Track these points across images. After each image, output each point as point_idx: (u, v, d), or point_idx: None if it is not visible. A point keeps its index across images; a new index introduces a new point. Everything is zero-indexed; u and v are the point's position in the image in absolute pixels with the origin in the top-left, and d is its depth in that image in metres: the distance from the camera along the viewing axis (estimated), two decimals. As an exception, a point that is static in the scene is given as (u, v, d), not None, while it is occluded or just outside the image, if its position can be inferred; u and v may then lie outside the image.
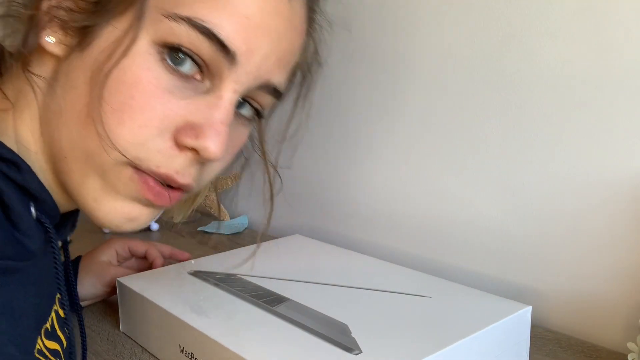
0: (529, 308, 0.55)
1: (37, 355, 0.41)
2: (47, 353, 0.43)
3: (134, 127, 0.35)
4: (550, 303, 0.69)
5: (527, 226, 0.69)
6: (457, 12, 0.70)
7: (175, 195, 0.40)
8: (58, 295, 0.48)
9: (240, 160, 0.50)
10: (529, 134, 0.67)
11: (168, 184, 0.39)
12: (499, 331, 0.52)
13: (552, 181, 0.66)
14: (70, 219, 0.46)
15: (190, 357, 0.53)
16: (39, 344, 0.42)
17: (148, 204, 0.39)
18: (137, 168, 0.38)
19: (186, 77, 0.37)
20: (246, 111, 0.43)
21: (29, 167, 0.38)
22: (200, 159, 0.38)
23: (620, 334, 0.63)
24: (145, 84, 0.35)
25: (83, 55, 0.36)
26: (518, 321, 0.54)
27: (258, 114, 0.44)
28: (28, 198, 0.39)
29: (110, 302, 0.74)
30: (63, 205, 0.43)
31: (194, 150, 0.37)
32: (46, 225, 0.40)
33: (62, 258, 0.48)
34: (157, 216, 0.43)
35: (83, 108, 0.36)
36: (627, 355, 0.55)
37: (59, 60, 0.37)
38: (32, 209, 0.39)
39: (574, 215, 0.65)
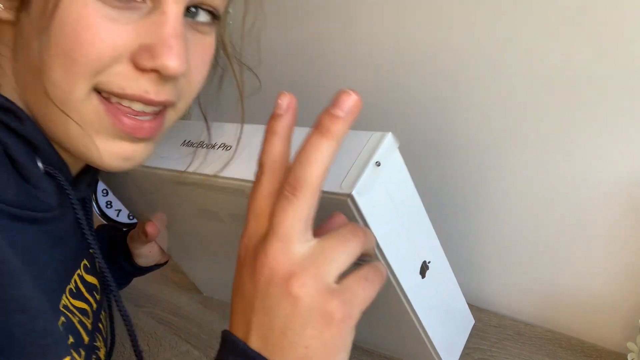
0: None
1: (61, 308, 0.43)
2: (74, 310, 0.45)
3: (87, 61, 0.36)
4: (550, 303, 0.69)
5: (526, 226, 0.69)
6: (458, 11, 0.70)
7: (154, 124, 0.41)
8: (84, 262, 0.49)
9: (217, 71, 0.51)
10: (529, 134, 0.67)
11: (145, 110, 0.40)
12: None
13: (552, 181, 0.66)
14: (85, 176, 0.48)
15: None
16: (64, 300, 0.44)
17: (133, 139, 0.40)
18: (103, 98, 0.38)
19: (126, 2, 0.37)
20: (202, 17, 0.43)
21: (27, 115, 0.40)
22: (164, 77, 0.38)
23: (620, 334, 0.63)
24: (87, 19, 0.36)
25: (29, 13, 0.37)
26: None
27: (214, 16, 0.44)
28: (31, 149, 0.40)
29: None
30: (70, 163, 0.45)
31: (155, 71, 0.38)
32: (56, 176, 0.42)
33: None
34: (152, 149, 0.44)
35: (39, 62, 0.37)
36: (627, 355, 0.55)
37: (14, 25, 0.38)
38: (39, 163, 0.40)
39: (573, 215, 0.65)
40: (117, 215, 1.08)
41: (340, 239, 0.33)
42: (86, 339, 0.46)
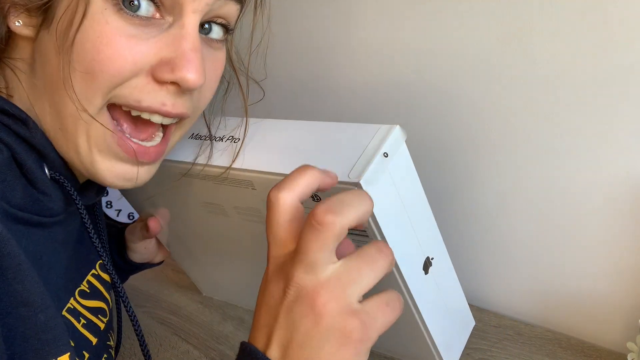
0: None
1: (65, 313, 0.44)
2: (84, 311, 0.47)
3: (108, 76, 0.37)
4: (550, 303, 0.69)
5: (527, 226, 0.69)
6: (459, 10, 0.70)
7: (159, 148, 0.43)
8: (100, 261, 0.50)
9: (223, 85, 0.53)
10: (530, 134, 0.67)
11: (163, 121, 0.42)
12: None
13: (552, 181, 0.66)
14: (93, 184, 0.49)
15: None
16: (72, 304, 0.45)
17: (136, 162, 0.42)
18: (112, 117, 0.40)
19: (146, 19, 0.38)
20: (215, 34, 0.45)
21: (36, 125, 0.41)
22: (182, 89, 0.40)
23: (620, 334, 0.63)
24: (109, 37, 0.37)
25: (49, 31, 0.38)
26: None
27: (227, 30, 0.46)
28: (38, 156, 0.41)
29: (111, 302, 0.74)
30: (77, 172, 0.46)
31: (174, 83, 0.39)
32: (62, 182, 0.43)
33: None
34: (154, 171, 0.45)
35: (57, 78, 0.38)
36: (627, 355, 0.55)
37: (32, 41, 0.40)
38: (46, 169, 0.42)
39: (574, 215, 0.65)
40: (117, 215, 1.08)
41: (367, 259, 0.34)
42: (94, 340, 0.47)
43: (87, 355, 0.45)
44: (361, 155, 0.42)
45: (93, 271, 0.49)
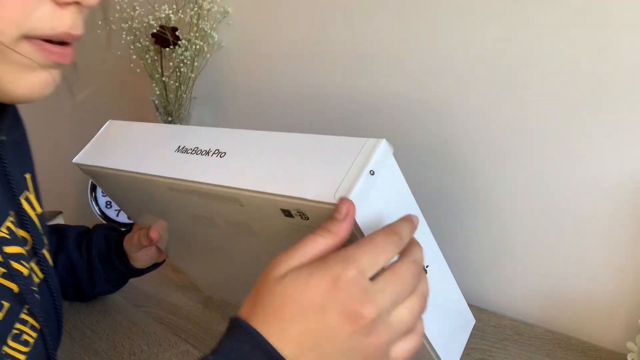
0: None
1: None
2: (2, 259, 0.46)
3: (12, 8, 0.38)
4: (550, 303, 0.69)
5: (526, 226, 0.69)
6: (456, 12, 0.70)
7: (71, 49, 0.44)
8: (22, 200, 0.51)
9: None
10: (530, 134, 0.67)
11: (64, 42, 0.42)
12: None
13: (552, 181, 0.66)
14: (4, 117, 0.49)
15: None
16: None
17: (56, 65, 0.43)
18: (32, 40, 0.40)
19: None
20: None
21: None
22: (82, 7, 0.41)
23: (620, 334, 0.63)
24: None
25: None
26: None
27: None
28: None
29: (110, 304, 0.74)
30: None
31: (77, 3, 0.41)
32: None
33: None
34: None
35: None
36: (626, 355, 0.55)
37: None
38: None
39: (574, 215, 0.65)
40: (117, 215, 1.08)
41: (420, 308, 0.37)
42: (15, 288, 0.46)
43: (7, 305, 0.44)
44: (347, 174, 0.41)
45: (10, 218, 0.48)
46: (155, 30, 0.93)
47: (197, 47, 0.94)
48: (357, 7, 0.80)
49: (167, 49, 0.93)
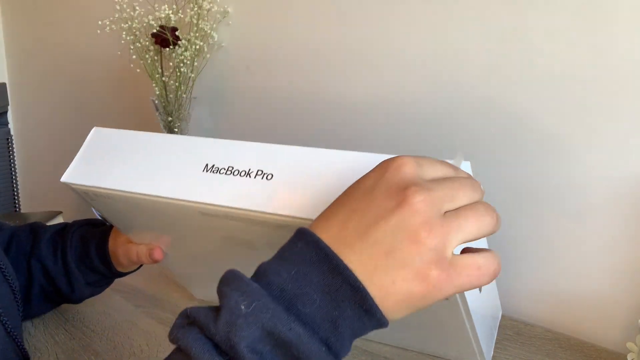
0: None
1: None
2: None
3: None
4: (550, 303, 0.69)
5: (526, 226, 0.69)
6: (456, 11, 0.70)
7: None
8: None
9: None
10: (530, 133, 0.67)
11: None
12: None
13: (552, 181, 0.66)
14: None
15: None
16: None
17: None
18: None
19: None
20: None
21: None
22: None
23: (620, 334, 0.63)
24: None
25: None
26: None
27: None
28: None
29: (110, 304, 0.74)
30: None
31: None
32: None
33: None
34: None
35: None
36: (626, 355, 0.55)
37: None
38: None
39: (574, 215, 0.65)
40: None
41: (477, 213, 0.34)
42: None
43: None
44: None
45: None
46: (155, 30, 0.93)
47: (197, 47, 0.93)
48: (357, 7, 0.80)
49: (167, 49, 0.93)
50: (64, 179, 0.54)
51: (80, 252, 0.65)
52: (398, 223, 0.31)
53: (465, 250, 0.35)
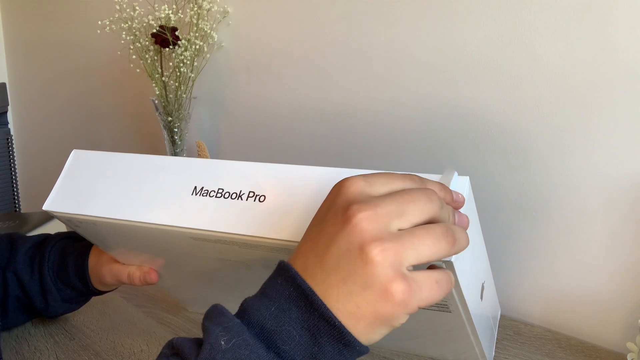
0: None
1: None
2: None
3: None
4: (549, 303, 0.69)
5: (526, 226, 0.69)
6: (456, 12, 0.70)
7: None
8: None
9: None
10: (530, 133, 0.67)
11: None
12: None
13: (552, 181, 0.66)
14: None
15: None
16: None
17: None
18: None
19: None
20: None
21: None
22: None
23: (620, 334, 0.63)
24: None
25: None
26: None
27: None
28: None
29: (110, 304, 0.74)
30: None
31: None
32: None
33: None
34: None
35: None
36: (626, 355, 0.55)
37: None
38: None
39: (574, 215, 0.65)
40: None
41: (434, 235, 0.32)
42: None
43: None
44: None
45: None
46: (155, 30, 0.93)
47: (197, 47, 0.94)
48: (357, 7, 0.80)
49: (167, 49, 0.93)
50: (45, 207, 0.51)
51: (58, 267, 0.63)
52: (346, 245, 0.31)
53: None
